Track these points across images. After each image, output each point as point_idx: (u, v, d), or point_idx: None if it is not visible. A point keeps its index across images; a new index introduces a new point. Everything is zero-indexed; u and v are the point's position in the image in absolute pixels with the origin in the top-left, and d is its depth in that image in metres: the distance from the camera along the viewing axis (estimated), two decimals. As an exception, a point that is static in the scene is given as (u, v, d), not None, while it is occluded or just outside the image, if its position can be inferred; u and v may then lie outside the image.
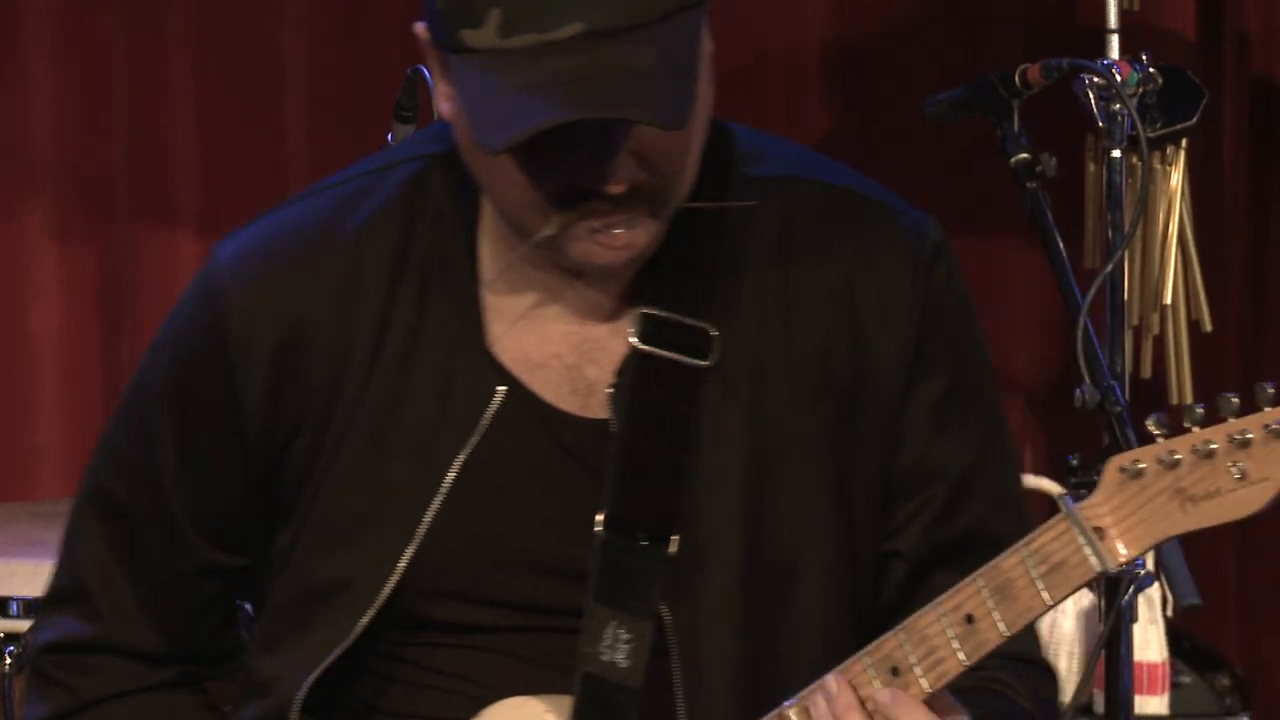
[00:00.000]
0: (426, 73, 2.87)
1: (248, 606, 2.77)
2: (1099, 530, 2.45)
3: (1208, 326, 4.09)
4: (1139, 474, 2.43)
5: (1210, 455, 2.40)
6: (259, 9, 4.58)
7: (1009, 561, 2.46)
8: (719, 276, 2.61)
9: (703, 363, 2.58)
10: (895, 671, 2.47)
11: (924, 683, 2.47)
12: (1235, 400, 2.39)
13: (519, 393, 2.59)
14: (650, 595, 2.57)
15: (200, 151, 4.61)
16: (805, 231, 2.64)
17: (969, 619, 2.47)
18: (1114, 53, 3.89)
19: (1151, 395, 4.12)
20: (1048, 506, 4.27)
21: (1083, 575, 2.45)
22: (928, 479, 2.65)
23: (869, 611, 2.65)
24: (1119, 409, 3.15)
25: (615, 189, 2.46)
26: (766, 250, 2.62)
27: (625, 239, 2.50)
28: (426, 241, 2.61)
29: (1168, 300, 3.99)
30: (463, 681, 2.62)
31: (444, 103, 2.53)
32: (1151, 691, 4.04)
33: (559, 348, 2.61)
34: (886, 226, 2.66)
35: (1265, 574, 4.74)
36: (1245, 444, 2.40)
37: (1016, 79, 3.75)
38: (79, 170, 4.60)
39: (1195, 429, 2.40)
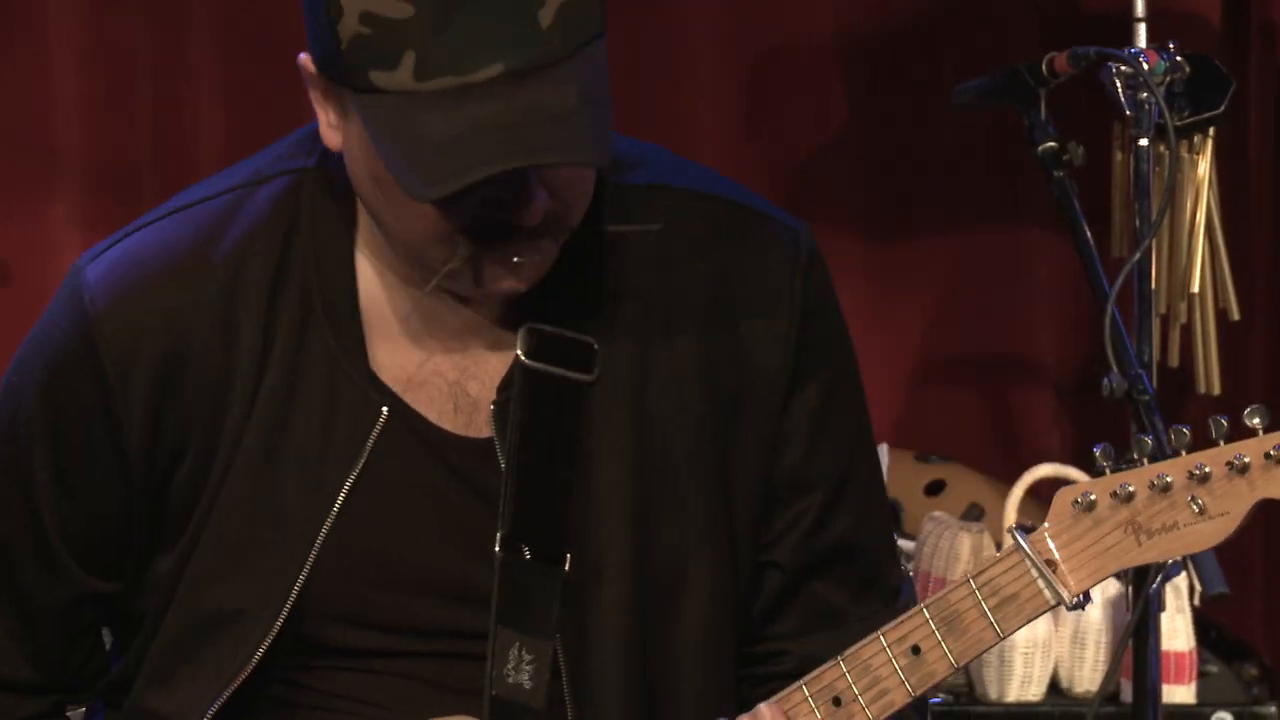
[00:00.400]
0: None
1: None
2: (1050, 563, 2.46)
3: (1235, 315, 4.09)
4: (1090, 506, 2.46)
5: (1167, 489, 2.44)
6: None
7: (957, 594, 2.48)
8: (599, 289, 2.59)
9: (587, 377, 2.57)
10: (837, 702, 2.49)
11: (869, 713, 2.48)
12: (1187, 432, 2.42)
13: (402, 412, 2.59)
14: (549, 615, 2.57)
15: (225, 140, 4.62)
16: (683, 241, 2.63)
17: (915, 650, 2.48)
18: (1141, 41, 3.88)
19: (1179, 383, 4.11)
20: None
21: (1035, 608, 2.47)
22: (804, 488, 2.66)
23: (745, 621, 2.65)
24: (1147, 398, 3.15)
25: (534, 220, 2.45)
26: (645, 261, 2.62)
27: (537, 267, 2.50)
28: (304, 259, 2.58)
29: (1195, 289, 3.99)
30: (366, 706, 2.62)
31: (331, 133, 2.52)
32: (1179, 681, 4.04)
33: (440, 365, 2.61)
34: (763, 235, 2.66)
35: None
36: (1204, 479, 2.43)
37: (1044, 68, 3.75)
38: (104, 160, 4.60)
39: (1146, 461, 2.43)
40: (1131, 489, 2.43)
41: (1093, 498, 2.44)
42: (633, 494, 2.60)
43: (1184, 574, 3.57)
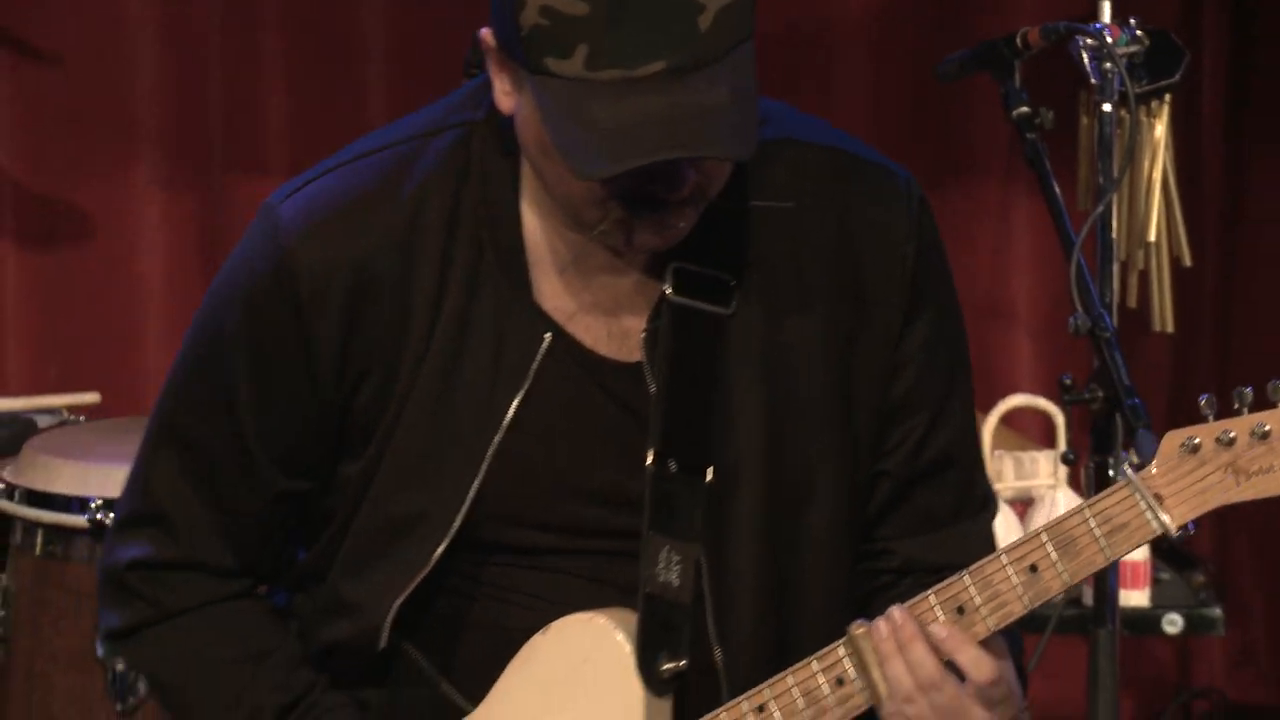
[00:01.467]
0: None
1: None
2: (1158, 497, 2.46)
3: (1187, 261, 4.07)
4: (1196, 449, 2.45)
5: (1265, 437, 2.43)
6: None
7: (1072, 520, 2.48)
8: (736, 233, 2.60)
9: (725, 310, 2.56)
10: (961, 610, 2.49)
11: (989, 622, 2.50)
12: (1249, 393, 2.43)
13: (563, 339, 2.58)
14: (694, 521, 2.57)
15: (289, 111, 4.61)
16: (808, 189, 2.62)
17: (1033, 568, 2.49)
18: (1106, 17, 3.86)
19: (1137, 322, 4.10)
20: (1042, 422, 4.31)
21: (1143, 536, 2.47)
22: (914, 408, 2.65)
23: (861, 524, 2.65)
24: (1108, 334, 3.15)
25: (680, 197, 2.47)
26: (776, 209, 2.61)
27: (681, 232, 2.51)
28: (474, 202, 2.59)
29: (1152, 238, 3.97)
30: (533, 599, 2.63)
31: (504, 99, 2.50)
32: (1135, 586, 4.04)
33: (597, 297, 2.60)
34: (880, 183, 2.66)
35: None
36: None
37: (1019, 41, 3.74)
38: (179, 129, 4.59)
39: (1246, 410, 2.42)
40: (1233, 435, 2.43)
41: (1197, 441, 2.43)
42: (766, 413, 2.59)
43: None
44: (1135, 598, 4.03)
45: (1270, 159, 4.62)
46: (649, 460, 2.57)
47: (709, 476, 2.58)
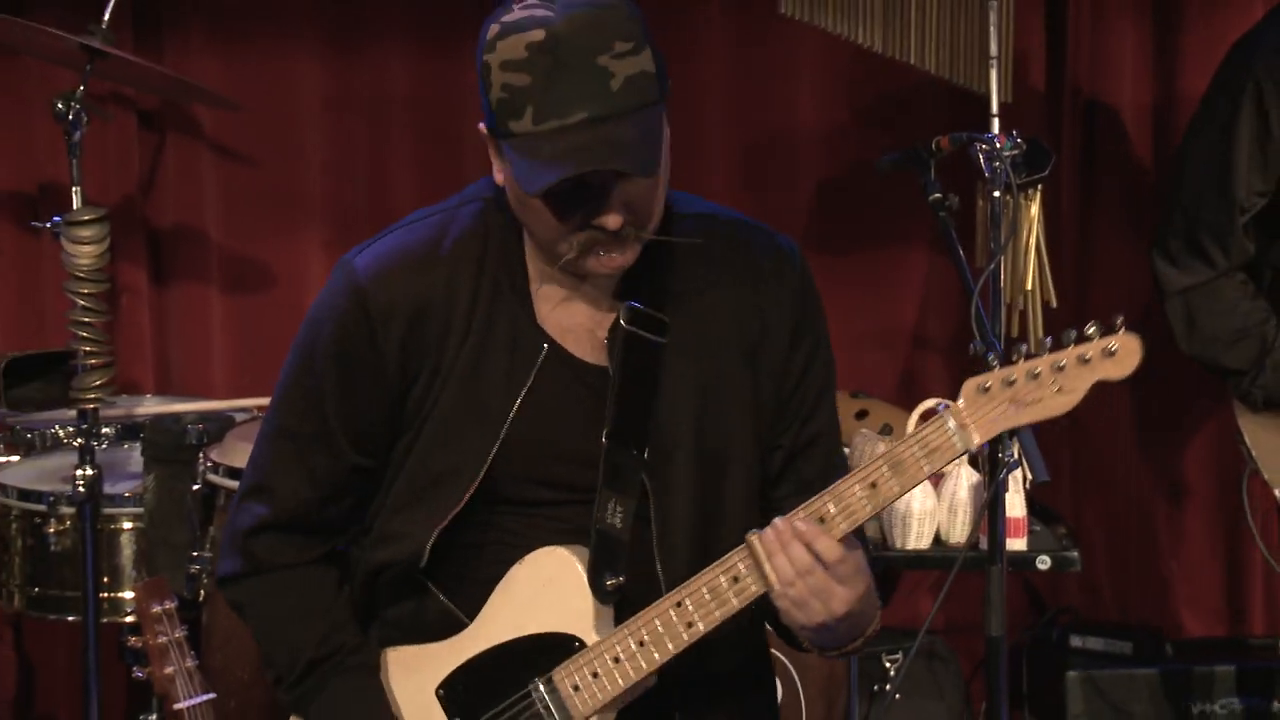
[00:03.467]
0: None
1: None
2: (962, 426, 2.46)
3: (1054, 303, 4.09)
4: (987, 389, 2.45)
5: (1036, 377, 2.43)
6: (455, 102, 4.56)
7: (901, 448, 2.50)
8: (669, 280, 2.61)
9: (661, 340, 2.59)
10: (822, 520, 2.49)
11: (842, 526, 2.49)
12: (1049, 342, 2.43)
13: (556, 349, 2.60)
14: (634, 481, 2.58)
15: (413, 189, 4.59)
16: (720, 250, 2.64)
17: (873, 485, 2.49)
18: (995, 128, 3.87)
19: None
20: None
21: (952, 454, 2.48)
22: (800, 400, 2.66)
23: (762, 481, 2.68)
24: (997, 355, 3.15)
25: (613, 225, 2.47)
26: (697, 263, 2.63)
27: (619, 260, 2.53)
28: (494, 255, 2.60)
29: (1029, 287, 3.99)
30: (524, 538, 2.62)
31: (498, 174, 2.55)
32: (1016, 536, 4.03)
33: (579, 320, 2.61)
34: (772, 247, 2.67)
35: (1088, 460, 4.72)
36: (1060, 369, 2.43)
37: (933, 146, 3.76)
38: (336, 203, 4.59)
39: (1024, 360, 2.43)
40: (1014, 377, 2.44)
41: (988, 384, 2.45)
42: (693, 408, 2.61)
43: (1020, 469, 3.57)
44: (1017, 544, 4.02)
45: (1110, 229, 4.64)
46: (604, 438, 2.57)
47: (646, 453, 2.57)
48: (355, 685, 2.66)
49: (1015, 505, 3.98)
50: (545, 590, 2.58)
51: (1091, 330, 2.43)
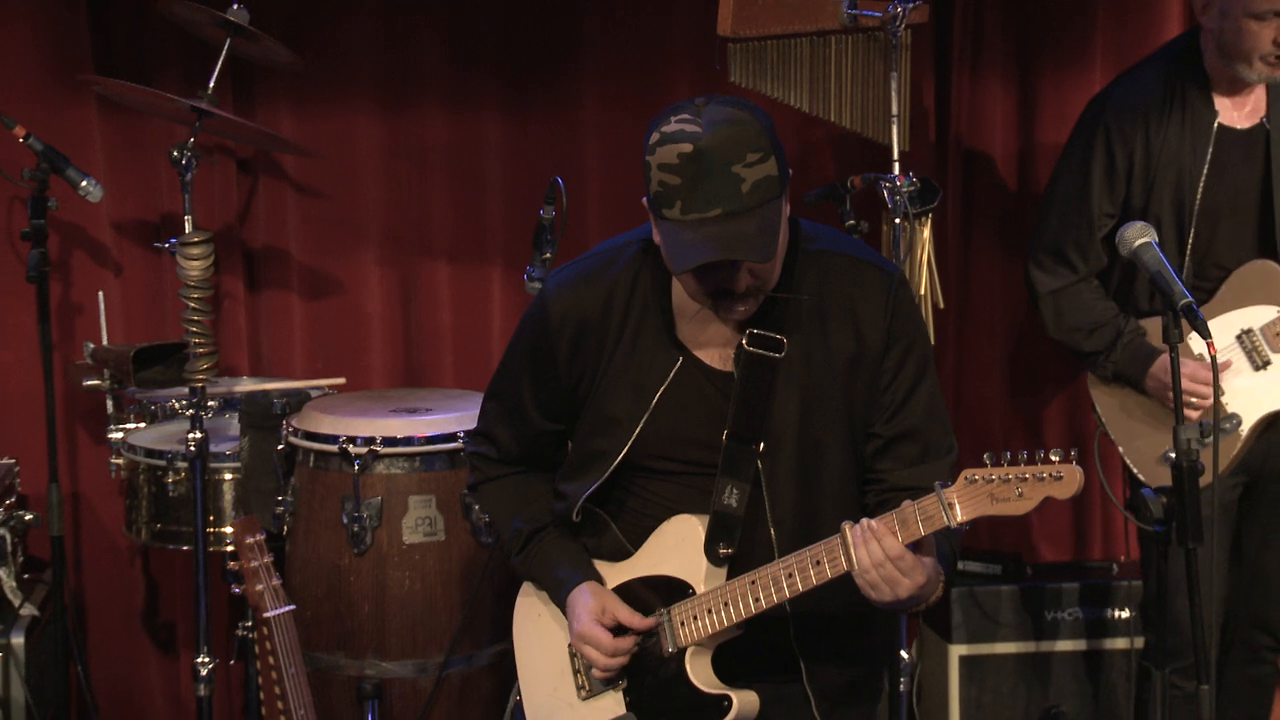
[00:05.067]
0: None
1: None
2: (951, 505, 2.48)
3: (942, 305, 4.11)
4: (975, 482, 2.48)
5: (1008, 481, 2.47)
6: (480, 151, 4.51)
7: (907, 509, 2.48)
8: (788, 308, 2.60)
9: (778, 355, 2.59)
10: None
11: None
12: (1024, 454, 2.47)
13: (690, 359, 2.62)
14: (750, 469, 2.58)
15: (450, 221, 4.52)
16: (831, 280, 2.62)
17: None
18: (896, 169, 3.89)
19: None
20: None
21: (941, 524, 2.49)
22: (891, 397, 2.63)
23: (861, 467, 2.66)
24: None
25: (740, 289, 2.51)
26: (811, 292, 2.61)
27: (744, 310, 2.56)
28: (645, 283, 2.62)
29: (923, 292, 4.01)
30: (663, 500, 2.66)
31: (654, 234, 2.54)
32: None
33: (710, 337, 2.62)
34: (874, 275, 2.63)
35: (970, 424, 4.71)
36: (1024, 480, 2.46)
37: (849, 183, 3.77)
38: (396, 228, 4.50)
39: (1005, 466, 2.46)
40: (994, 479, 2.48)
41: (978, 478, 2.48)
42: (799, 410, 2.61)
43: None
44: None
45: (984, 248, 4.66)
46: (724, 435, 2.58)
47: (761, 447, 2.58)
48: (559, 544, 2.72)
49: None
50: (680, 545, 2.61)
51: (1054, 458, 2.45)
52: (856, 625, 2.68)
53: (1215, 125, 3.61)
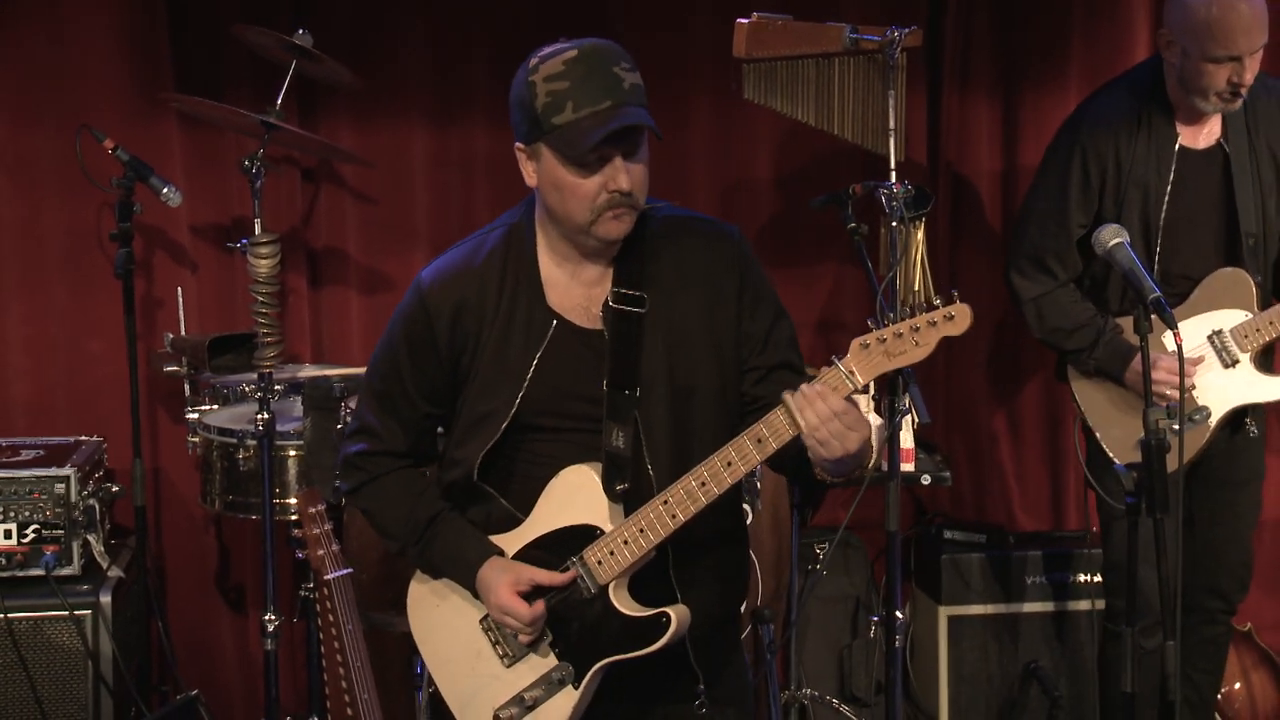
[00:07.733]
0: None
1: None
2: (850, 371, 2.43)
3: (935, 301, 4.03)
4: (868, 345, 2.43)
5: (900, 336, 2.42)
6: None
7: (810, 386, 2.42)
8: (644, 269, 2.55)
9: (641, 310, 2.54)
10: (760, 440, 2.46)
11: (772, 446, 2.46)
12: (909, 309, 2.43)
13: (562, 322, 2.55)
14: (631, 412, 2.52)
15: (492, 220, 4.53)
16: (682, 240, 2.59)
17: (790, 413, 2.45)
18: (894, 177, 3.87)
19: (908, 331, 4.07)
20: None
21: (847, 389, 2.43)
22: (759, 328, 2.59)
23: (737, 405, 2.60)
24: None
25: (626, 186, 2.44)
26: (666, 250, 2.57)
27: (626, 220, 2.48)
28: (514, 261, 2.56)
29: (916, 288, 4.00)
30: (552, 459, 2.57)
31: (530, 178, 2.50)
32: (907, 461, 4.03)
33: (578, 300, 2.56)
34: (718, 231, 2.61)
35: (957, 408, 4.71)
36: (916, 330, 2.41)
37: (850, 190, 3.75)
38: (437, 232, 4.53)
39: (892, 325, 2.42)
40: (884, 337, 2.43)
41: (868, 341, 2.43)
42: (667, 356, 2.55)
43: (910, 414, 3.55)
44: (907, 467, 4.03)
45: (971, 249, 4.65)
46: (604, 384, 2.52)
47: (637, 392, 2.52)
48: (458, 527, 2.61)
49: (906, 439, 3.99)
50: (574, 495, 2.53)
51: (937, 303, 2.42)
52: (727, 561, 2.64)
53: (1177, 146, 3.62)
